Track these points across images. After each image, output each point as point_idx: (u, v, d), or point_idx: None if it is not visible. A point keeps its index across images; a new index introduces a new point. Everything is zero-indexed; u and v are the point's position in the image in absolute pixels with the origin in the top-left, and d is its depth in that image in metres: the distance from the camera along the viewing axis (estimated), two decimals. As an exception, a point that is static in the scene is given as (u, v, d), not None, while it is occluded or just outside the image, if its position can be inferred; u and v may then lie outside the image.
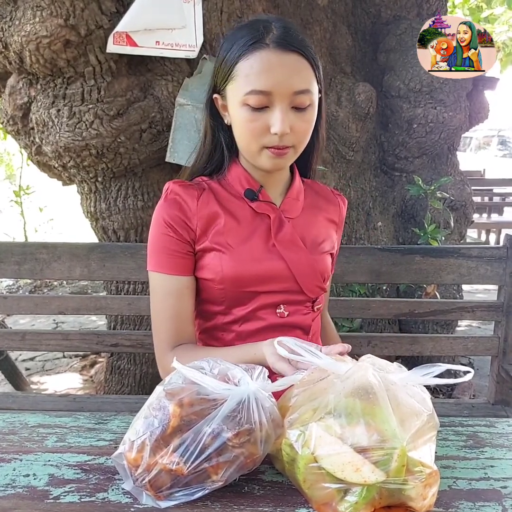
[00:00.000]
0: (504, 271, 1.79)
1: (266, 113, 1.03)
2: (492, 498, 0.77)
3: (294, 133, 1.05)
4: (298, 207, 1.22)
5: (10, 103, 2.28)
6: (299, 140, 1.07)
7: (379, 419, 0.70)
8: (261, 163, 1.10)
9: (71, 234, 6.72)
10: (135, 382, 2.67)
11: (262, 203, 1.17)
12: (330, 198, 1.31)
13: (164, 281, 1.13)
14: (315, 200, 1.27)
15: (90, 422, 1.01)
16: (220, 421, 0.73)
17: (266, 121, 1.03)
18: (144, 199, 2.38)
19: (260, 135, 1.04)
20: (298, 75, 1.02)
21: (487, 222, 6.42)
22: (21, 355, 3.71)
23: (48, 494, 0.78)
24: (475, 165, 10.06)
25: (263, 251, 1.15)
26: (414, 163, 2.98)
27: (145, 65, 2.20)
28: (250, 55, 1.02)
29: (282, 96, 1.01)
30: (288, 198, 1.21)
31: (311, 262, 1.18)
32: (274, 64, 1.01)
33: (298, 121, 1.04)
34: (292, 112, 1.04)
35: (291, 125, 1.03)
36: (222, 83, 1.08)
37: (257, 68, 1.02)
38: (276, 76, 1.01)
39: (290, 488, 0.79)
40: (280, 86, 1.01)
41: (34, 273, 1.86)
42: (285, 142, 1.04)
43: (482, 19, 7.11)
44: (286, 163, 1.13)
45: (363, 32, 3.02)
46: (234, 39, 1.06)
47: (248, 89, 1.02)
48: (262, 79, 1.01)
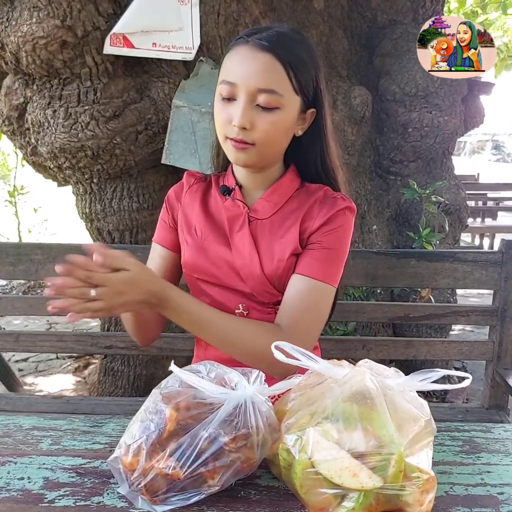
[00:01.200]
0: (499, 276, 1.79)
1: (232, 105, 1.07)
2: (489, 504, 0.77)
3: (255, 130, 1.06)
4: (269, 209, 1.19)
5: (6, 104, 2.27)
6: (259, 138, 1.07)
7: (377, 424, 0.70)
8: (228, 156, 1.14)
9: (65, 235, 6.69)
10: (129, 384, 2.66)
11: (233, 200, 1.20)
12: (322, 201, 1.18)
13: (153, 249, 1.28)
14: (301, 205, 1.19)
15: (85, 425, 1.00)
16: (217, 426, 0.73)
17: (230, 113, 1.07)
18: (140, 201, 2.38)
19: (224, 125, 1.08)
20: (265, 74, 1.04)
21: (481, 226, 6.43)
22: (14, 355, 3.69)
23: (43, 498, 0.77)
24: (469, 169, 10.11)
25: (218, 243, 1.19)
26: (409, 167, 2.99)
27: (142, 67, 2.20)
28: (232, 49, 1.09)
29: (246, 90, 1.04)
30: (262, 199, 1.20)
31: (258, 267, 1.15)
32: (245, 59, 1.05)
33: (260, 119, 1.06)
34: (257, 109, 1.06)
35: (252, 122, 1.05)
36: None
37: (231, 60, 1.08)
38: (243, 70, 1.05)
39: (287, 493, 0.79)
40: (245, 80, 1.04)
41: (29, 274, 1.85)
42: (243, 136, 1.06)
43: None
44: (248, 160, 1.11)
45: (359, 36, 3.03)
46: None
47: (221, 79, 1.08)
48: (231, 70, 1.07)
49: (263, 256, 1.16)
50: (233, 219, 1.19)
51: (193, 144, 2.16)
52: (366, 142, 2.97)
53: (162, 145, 2.19)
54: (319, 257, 1.13)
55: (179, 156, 2.18)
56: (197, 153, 2.18)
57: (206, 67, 2.23)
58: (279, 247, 1.15)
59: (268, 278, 1.15)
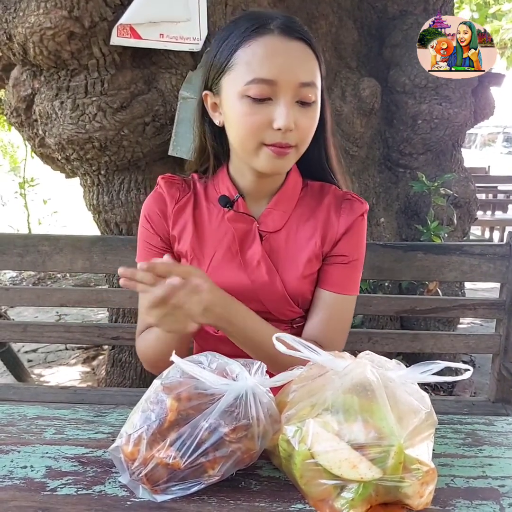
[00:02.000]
0: (506, 269, 1.78)
1: (268, 106, 0.93)
2: (490, 497, 0.77)
3: (298, 130, 0.95)
4: (280, 219, 1.10)
5: (14, 95, 2.28)
6: (302, 139, 0.98)
7: (377, 416, 0.70)
8: (258, 164, 0.99)
9: (75, 227, 6.72)
10: (136, 375, 2.68)
11: (237, 214, 1.08)
12: (336, 205, 1.12)
13: None
14: (314, 209, 1.12)
15: (89, 415, 1.01)
16: (218, 416, 0.73)
17: (268, 115, 0.93)
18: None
19: (259, 130, 0.94)
20: (305, 65, 0.95)
21: (491, 219, 6.40)
22: (24, 346, 3.72)
23: (45, 486, 0.78)
24: (480, 162, 10.02)
25: (228, 265, 1.08)
26: (418, 160, 2.97)
27: (149, 58, 2.19)
28: (252, 41, 0.93)
29: (287, 87, 0.92)
30: (269, 209, 1.09)
31: (280, 285, 1.07)
32: (279, 51, 0.92)
33: (302, 117, 0.95)
34: (297, 106, 0.95)
35: (295, 121, 0.94)
36: (216, 77, 0.99)
37: (260, 54, 0.92)
38: (281, 63, 0.92)
39: (287, 483, 0.79)
40: (285, 75, 0.92)
41: (36, 265, 1.86)
42: (288, 140, 0.95)
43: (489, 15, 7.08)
44: (286, 166, 1.03)
45: (369, 26, 3.00)
46: (231, 29, 0.98)
47: (250, 78, 0.93)
48: (266, 66, 0.92)
49: (283, 274, 1.08)
50: (241, 235, 1.08)
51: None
52: (375, 134, 2.96)
53: (169, 137, 2.19)
54: (346, 272, 1.11)
55: (186, 147, 2.17)
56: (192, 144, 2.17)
57: (213, 59, 2.22)
58: (301, 262, 1.09)
59: (291, 297, 1.09)
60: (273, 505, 0.74)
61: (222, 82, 0.99)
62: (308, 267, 1.09)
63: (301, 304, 1.12)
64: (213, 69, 1.00)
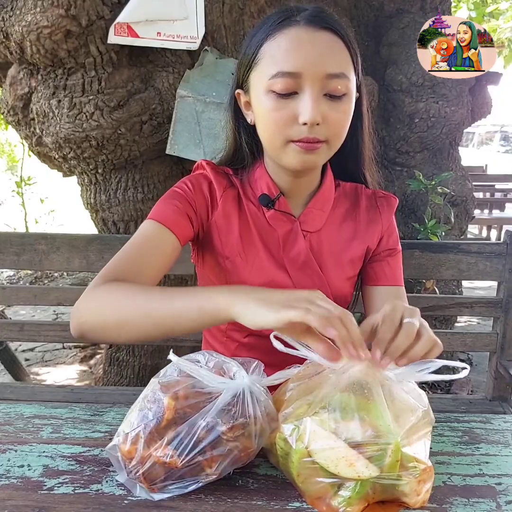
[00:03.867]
0: (503, 267, 1.78)
1: (294, 100, 0.90)
2: (487, 495, 0.77)
3: (327, 124, 0.91)
4: (320, 219, 1.07)
5: (11, 94, 2.27)
6: (333, 133, 0.93)
7: (374, 415, 0.70)
8: (287, 161, 0.96)
9: (72, 226, 6.71)
10: (134, 374, 2.68)
11: (277, 212, 1.05)
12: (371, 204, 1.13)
13: (155, 230, 0.99)
14: (350, 210, 1.11)
15: (86, 414, 1.00)
16: (215, 415, 0.73)
17: (293, 109, 0.90)
18: (144, 191, 2.38)
19: (286, 126, 0.91)
20: (332, 55, 0.89)
21: (488, 218, 6.40)
22: (21, 345, 3.72)
23: (42, 485, 0.78)
24: (478, 160, 10.03)
25: (271, 265, 1.05)
26: (415, 158, 2.97)
27: (146, 57, 2.19)
28: (278, 34, 0.90)
29: (313, 79, 0.88)
30: (310, 208, 1.07)
31: (326, 288, 1.05)
32: (304, 42, 0.88)
33: (331, 111, 0.91)
34: (325, 100, 0.90)
35: (323, 115, 0.90)
36: (246, 73, 0.97)
37: (284, 47, 0.89)
38: (306, 55, 0.88)
39: (284, 482, 0.79)
40: (310, 66, 0.87)
41: (33, 264, 1.86)
42: (316, 134, 0.90)
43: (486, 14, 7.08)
44: (318, 161, 0.97)
45: (366, 25, 3.00)
46: (260, 25, 0.95)
47: (274, 71, 0.89)
48: (290, 58, 0.88)
49: (328, 275, 1.06)
50: (284, 235, 1.05)
51: (198, 135, 2.16)
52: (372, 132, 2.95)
53: (166, 136, 2.19)
54: (394, 263, 1.13)
55: (183, 146, 2.17)
56: (202, 144, 2.17)
57: (210, 57, 2.22)
58: (344, 263, 1.08)
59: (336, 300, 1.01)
60: (271, 503, 0.74)
61: (250, 79, 0.97)
62: (351, 268, 1.09)
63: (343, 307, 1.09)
64: (242, 66, 0.98)
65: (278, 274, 1.05)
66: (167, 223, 0.99)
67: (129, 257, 0.96)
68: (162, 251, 0.98)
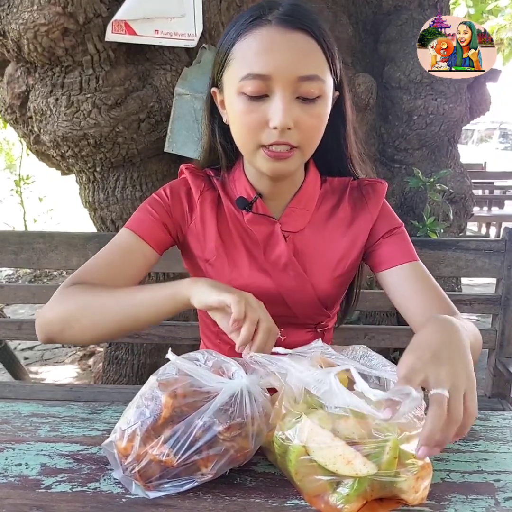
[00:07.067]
0: (502, 264, 1.78)
1: (265, 103, 0.87)
2: (485, 492, 0.77)
3: (299, 129, 0.88)
4: (303, 218, 1.04)
5: (8, 92, 2.27)
6: (305, 139, 0.90)
7: (372, 412, 0.70)
8: (259, 167, 0.94)
9: (70, 224, 6.70)
10: (133, 372, 2.68)
11: (256, 215, 1.02)
12: (357, 195, 1.08)
13: (127, 239, 1.03)
14: (336, 206, 1.07)
15: (83, 412, 1.00)
16: (212, 414, 0.73)
17: (264, 113, 0.87)
18: (142, 189, 2.37)
19: (257, 130, 0.88)
20: (304, 58, 0.86)
21: (487, 215, 6.40)
22: (20, 344, 3.72)
23: (40, 484, 0.78)
24: (477, 157, 10.04)
25: (252, 267, 1.02)
26: (414, 155, 2.97)
27: (144, 54, 2.18)
28: (248, 34, 0.87)
29: (284, 82, 0.85)
30: (291, 208, 1.03)
31: (310, 290, 1.02)
32: (275, 43, 0.85)
33: (304, 114, 0.88)
34: (297, 103, 0.87)
35: (296, 119, 0.87)
36: (219, 72, 0.95)
37: (254, 49, 0.86)
38: (276, 57, 0.85)
39: (282, 479, 0.79)
40: (281, 69, 0.84)
41: (31, 262, 1.85)
42: (287, 139, 0.87)
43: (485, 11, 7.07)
44: (289, 169, 0.94)
45: (364, 22, 3.00)
46: (233, 23, 0.92)
47: (244, 73, 0.86)
48: (260, 61, 0.85)
49: (313, 276, 1.03)
50: (264, 238, 1.02)
51: (196, 132, 2.15)
52: (370, 130, 2.95)
53: (164, 134, 2.18)
54: (397, 241, 1.06)
55: (181, 144, 2.17)
56: (200, 141, 2.17)
57: (208, 54, 2.21)
58: (333, 261, 1.04)
59: (322, 301, 1.04)
60: (269, 501, 0.74)
61: (224, 79, 0.95)
62: (340, 266, 1.04)
63: (330, 307, 1.08)
64: (216, 64, 0.97)
65: (260, 276, 1.02)
66: (141, 233, 1.02)
67: (99, 263, 1.01)
68: (133, 260, 1.02)
